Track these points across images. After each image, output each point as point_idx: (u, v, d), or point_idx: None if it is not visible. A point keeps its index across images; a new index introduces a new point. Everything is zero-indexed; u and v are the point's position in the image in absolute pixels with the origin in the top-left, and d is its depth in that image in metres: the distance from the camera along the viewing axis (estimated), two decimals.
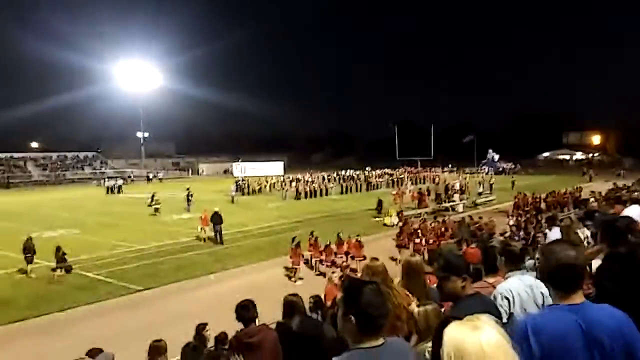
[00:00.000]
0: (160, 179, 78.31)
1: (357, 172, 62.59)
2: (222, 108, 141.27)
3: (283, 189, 49.17)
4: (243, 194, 49.40)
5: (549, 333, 2.49)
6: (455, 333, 1.80)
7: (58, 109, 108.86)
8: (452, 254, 4.09)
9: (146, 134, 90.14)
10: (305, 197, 45.71)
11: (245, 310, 5.90)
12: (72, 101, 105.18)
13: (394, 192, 40.51)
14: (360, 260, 18.81)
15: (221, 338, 8.39)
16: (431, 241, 20.79)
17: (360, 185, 53.16)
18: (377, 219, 30.95)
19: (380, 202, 33.67)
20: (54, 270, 19.51)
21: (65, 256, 19.85)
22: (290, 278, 18.46)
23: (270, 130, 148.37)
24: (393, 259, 20.52)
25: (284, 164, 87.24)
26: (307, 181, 52.67)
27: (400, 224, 25.32)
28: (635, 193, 16.04)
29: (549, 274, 2.71)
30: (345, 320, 2.55)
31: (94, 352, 7.65)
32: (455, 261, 3.59)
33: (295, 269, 18.83)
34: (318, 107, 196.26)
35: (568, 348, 2.49)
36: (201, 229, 25.90)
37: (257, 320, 5.99)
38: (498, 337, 1.80)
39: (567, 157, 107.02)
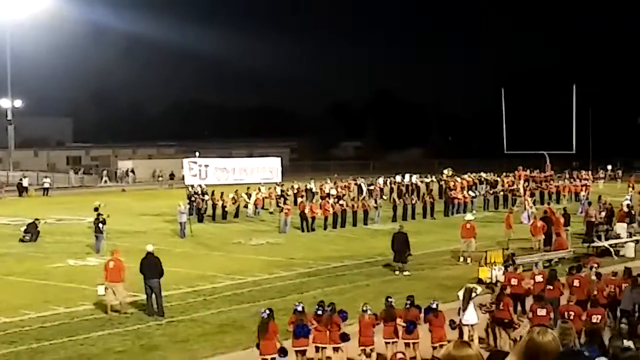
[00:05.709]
0: (47, 190, 50.21)
1: (427, 178, 41.33)
2: (161, 49, 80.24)
3: (281, 209, 31.56)
4: (201, 220, 32.91)
5: None
6: None
7: None
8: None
9: (18, 103, 60.23)
10: (325, 225, 30.11)
11: None
12: None
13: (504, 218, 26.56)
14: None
15: None
16: (572, 315, 13.37)
17: (433, 202, 33.65)
18: (397, 272, 20.86)
19: (400, 240, 20.40)
20: None
21: None
22: None
23: (255, 92, 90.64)
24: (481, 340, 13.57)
25: (283, 162, 47.74)
26: (329, 195, 34.81)
27: (503, 278, 16.85)
28: None
29: None
30: None
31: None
32: None
33: None
34: (347, 49, 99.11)
35: None
36: (106, 288, 17.28)
37: None
38: None
39: None
